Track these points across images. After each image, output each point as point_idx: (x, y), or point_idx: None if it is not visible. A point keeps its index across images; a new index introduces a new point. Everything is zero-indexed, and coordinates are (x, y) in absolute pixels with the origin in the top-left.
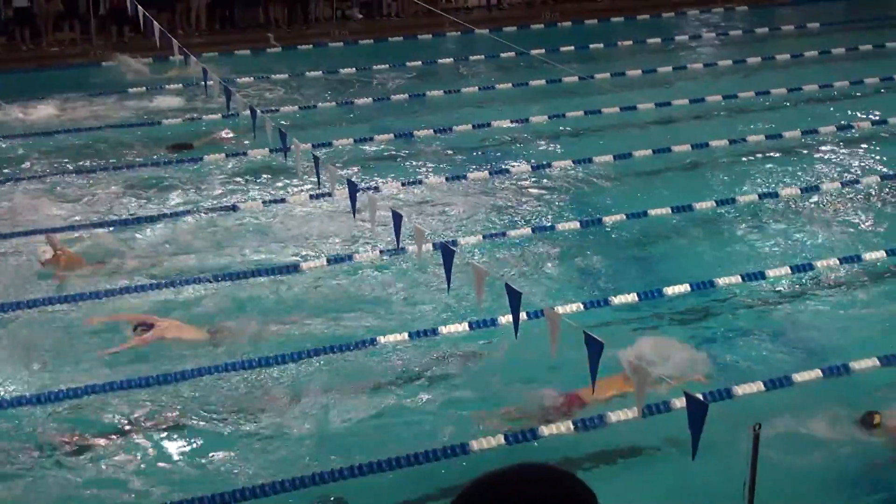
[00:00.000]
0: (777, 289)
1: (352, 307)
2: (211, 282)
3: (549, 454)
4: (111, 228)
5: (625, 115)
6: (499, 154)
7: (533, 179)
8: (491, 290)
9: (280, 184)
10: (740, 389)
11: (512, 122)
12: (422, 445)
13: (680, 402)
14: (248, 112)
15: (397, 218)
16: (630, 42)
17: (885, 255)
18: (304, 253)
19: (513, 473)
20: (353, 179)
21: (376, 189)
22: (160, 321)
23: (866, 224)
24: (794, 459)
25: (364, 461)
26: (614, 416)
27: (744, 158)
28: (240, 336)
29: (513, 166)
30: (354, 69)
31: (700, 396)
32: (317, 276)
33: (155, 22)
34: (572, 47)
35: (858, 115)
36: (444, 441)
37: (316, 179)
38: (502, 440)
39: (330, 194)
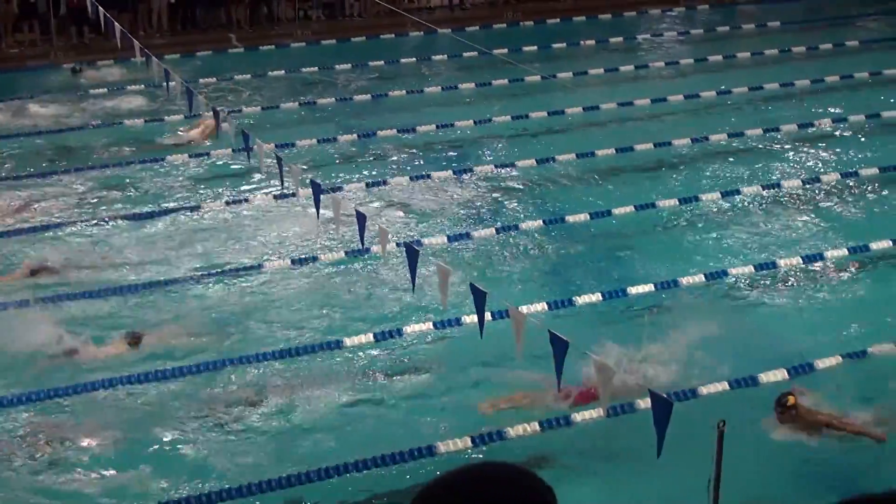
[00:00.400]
0: (741, 287)
1: (316, 308)
2: (170, 284)
3: (515, 454)
4: (73, 230)
5: (588, 114)
6: (462, 154)
7: (496, 179)
8: (456, 290)
9: (244, 184)
10: (705, 389)
11: (475, 122)
12: (387, 448)
13: (645, 403)
14: (210, 113)
15: (361, 218)
16: (592, 41)
17: (846, 252)
18: (267, 254)
19: (473, 472)
20: (316, 180)
21: (340, 189)
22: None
23: (828, 222)
24: (759, 456)
25: (329, 464)
26: (580, 417)
27: (706, 157)
28: (198, 339)
29: (476, 166)
30: (317, 69)
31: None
32: (281, 277)
33: (116, 23)
34: (535, 47)
35: (819, 113)
36: (412, 443)
37: (279, 180)
38: (469, 442)
39: (294, 195)
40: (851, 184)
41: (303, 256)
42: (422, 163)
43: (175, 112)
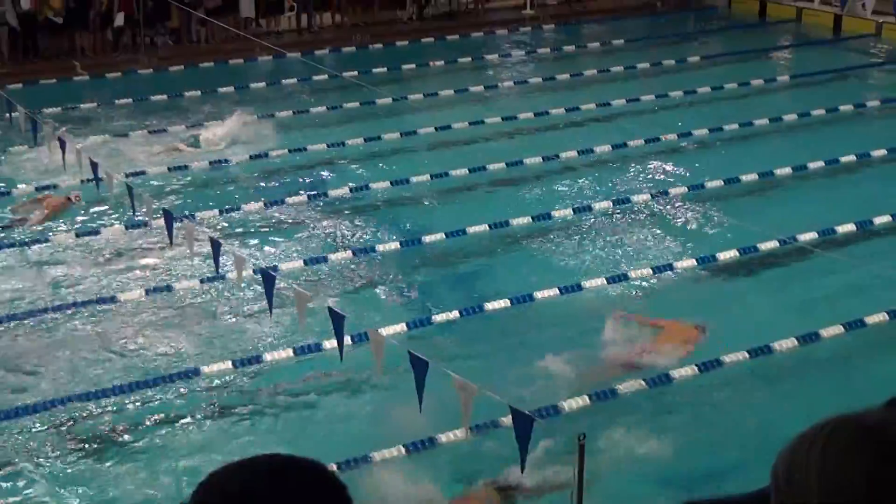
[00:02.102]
0: (596, 300)
1: (172, 337)
2: (20, 319)
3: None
4: None
5: (440, 134)
6: (316, 177)
7: (351, 201)
8: (314, 314)
9: (93, 215)
10: (566, 404)
11: (328, 145)
12: None
13: (507, 420)
14: (56, 143)
15: (216, 245)
16: (442, 62)
17: (695, 262)
18: (119, 284)
19: (259, 464)
20: (168, 208)
21: (193, 217)
22: None
23: (677, 234)
24: (620, 468)
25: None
26: (444, 438)
27: (558, 173)
28: (49, 371)
29: (331, 189)
30: (166, 96)
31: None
32: (135, 308)
33: None
34: (385, 69)
35: (665, 127)
36: None
37: (131, 209)
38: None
39: (146, 224)
40: (697, 196)
41: (156, 286)
42: (276, 188)
43: (19, 143)
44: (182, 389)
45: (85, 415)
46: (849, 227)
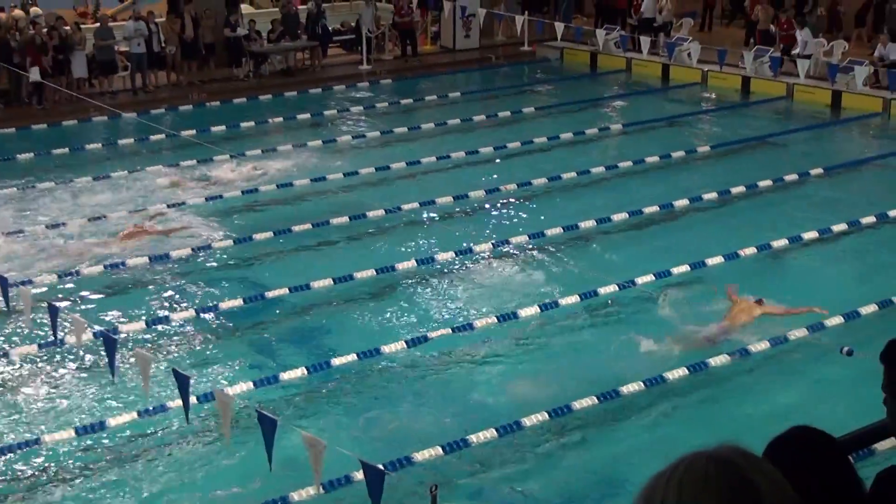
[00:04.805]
0: (442, 351)
1: (12, 407)
2: None
3: None
4: None
5: (281, 191)
6: (156, 238)
7: (195, 260)
8: (159, 376)
9: None
10: (419, 455)
11: (167, 205)
12: None
13: (359, 474)
14: None
15: (53, 310)
16: (280, 119)
17: (538, 310)
18: None
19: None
20: (1, 273)
21: (29, 282)
22: None
23: (520, 281)
24: None
25: None
26: (297, 496)
27: (400, 226)
28: None
29: (172, 250)
30: None
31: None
32: None
33: None
34: (223, 126)
35: (504, 178)
36: None
37: None
38: None
39: None
40: (538, 244)
41: None
42: (113, 249)
43: None
44: (21, 459)
45: None
46: (683, 269)
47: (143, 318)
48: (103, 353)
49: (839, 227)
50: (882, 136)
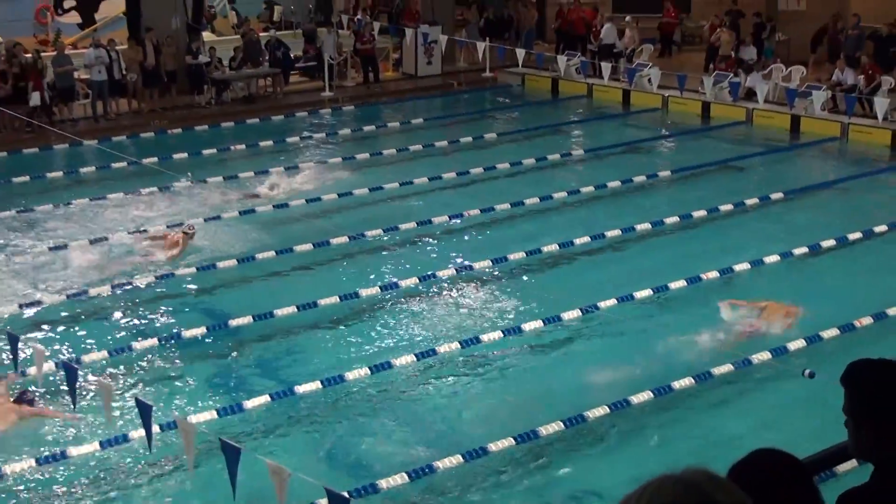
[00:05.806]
0: (406, 377)
1: None
2: None
3: None
4: None
5: (243, 218)
6: (118, 265)
7: (155, 287)
8: (121, 405)
9: None
10: (385, 483)
11: (128, 232)
12: None
13: (324, 501)
14: None
15: (13, 339)
16: (243, 146)
17: (501, 335)
18: None
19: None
20: None
21: None
22: None
23: (483, 306)
24: None
25: None
26: None
27: (364, 253)
28: None
29: (133, 278)
30: None
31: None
32: None
33: None
34: (185, 154)
35: (466, 203)
36: None
37: None
38: None
39: None
40: (502, 268)
41: None
42: (74, 279)
43: None
44: None
45: None
46: (646, 293)
47: (105, 347)
48: (64, 385)
49: (800, 251)
50: (840, 160)
